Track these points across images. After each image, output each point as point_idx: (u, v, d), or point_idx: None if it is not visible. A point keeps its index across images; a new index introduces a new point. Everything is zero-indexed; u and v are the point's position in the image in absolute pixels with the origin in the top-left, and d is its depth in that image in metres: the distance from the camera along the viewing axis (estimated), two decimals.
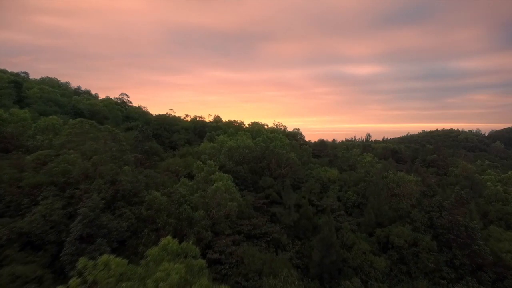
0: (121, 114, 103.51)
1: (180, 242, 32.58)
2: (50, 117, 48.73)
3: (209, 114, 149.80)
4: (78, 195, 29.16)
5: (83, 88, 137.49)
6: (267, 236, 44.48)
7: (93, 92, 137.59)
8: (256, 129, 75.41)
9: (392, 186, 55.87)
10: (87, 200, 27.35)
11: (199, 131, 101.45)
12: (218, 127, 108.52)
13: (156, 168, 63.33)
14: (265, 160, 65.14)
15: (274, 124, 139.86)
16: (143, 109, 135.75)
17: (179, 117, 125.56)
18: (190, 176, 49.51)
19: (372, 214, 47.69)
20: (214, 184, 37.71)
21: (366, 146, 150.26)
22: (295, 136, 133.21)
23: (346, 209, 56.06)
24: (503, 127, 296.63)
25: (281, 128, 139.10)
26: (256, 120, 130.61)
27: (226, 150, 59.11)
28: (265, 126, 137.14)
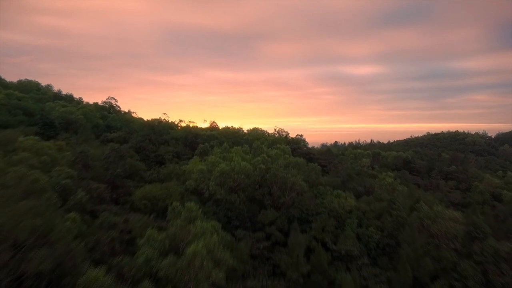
0: (103, 122, 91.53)
1: None
2: None
3: (204, 120, 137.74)
4: None
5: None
6: None
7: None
8: (255, 146, 63.43)
9: (427, 223, 43.94)
10: None
11: (191, 142, 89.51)
12: (212, 136, 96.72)
13: (131, 195, 51.72)
14: (265, 184, 53.32)
15: (275, 129, 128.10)
16: (133, 114, 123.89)
17: (172, 123, 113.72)
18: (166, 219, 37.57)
19: (408, 268, 35.80)
20: (191, 247, 25.79)
21: (375, 154, 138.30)
22: (299, 143, 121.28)
23: (368, 252, 44.21)
24: (506, 127, 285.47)
25: (283, 135, 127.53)
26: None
27: (218, 175, 47.28)
28: (266, 133, 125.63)
